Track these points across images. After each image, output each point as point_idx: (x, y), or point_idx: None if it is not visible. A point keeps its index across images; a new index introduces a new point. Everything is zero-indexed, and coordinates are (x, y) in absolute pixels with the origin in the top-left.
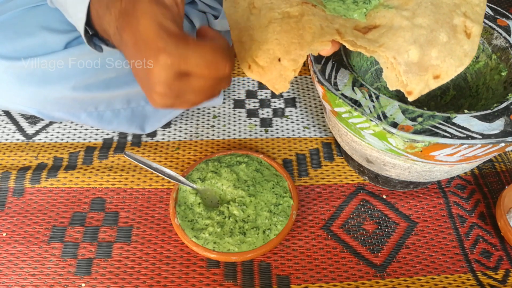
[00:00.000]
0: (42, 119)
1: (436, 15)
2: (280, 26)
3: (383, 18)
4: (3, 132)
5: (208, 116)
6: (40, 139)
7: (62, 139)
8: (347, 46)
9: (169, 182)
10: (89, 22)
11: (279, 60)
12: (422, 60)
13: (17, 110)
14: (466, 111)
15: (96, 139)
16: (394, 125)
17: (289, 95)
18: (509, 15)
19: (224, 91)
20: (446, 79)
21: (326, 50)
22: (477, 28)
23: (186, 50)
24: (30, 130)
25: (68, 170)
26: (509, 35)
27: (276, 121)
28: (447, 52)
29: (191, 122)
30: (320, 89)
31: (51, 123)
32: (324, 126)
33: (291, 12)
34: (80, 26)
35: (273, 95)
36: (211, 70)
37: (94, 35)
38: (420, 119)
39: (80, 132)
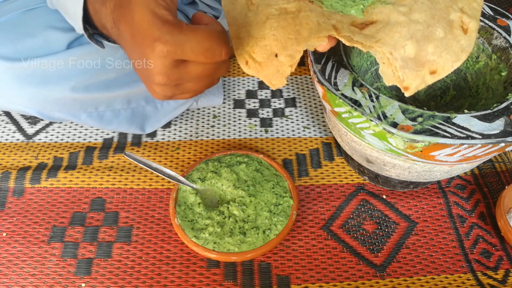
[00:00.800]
0: (42, 119)
1: (433, 10)
2: (277, 22)
3: (380, 14)
4: (3, 132)
5: (208, 116)
6: (40, 139)
7: (62, 139)
8: (344, 41)
9: (169, 182)
10: (89, 21)
11: (276, 55)
12: (419, 56)
13: (17, 110)
14: (466, 111)
15: (96, 139)
16: (394, 125)
17: (289, 95)
18: (509, 15)
19: (224, 91)
20: (443, 75)
21: (323, 45)
22: (474, 23)
23: (182, 37)
24: (30, 130)
25: (68, 170)
26: (509, 35)
27: (276, 121)
28: (444, 48)
29: (191, 122)
30: (320, 89)
31: (51, 123)
32: (324, 126)
33: (288, 8)
34: (79, 23)
35: (273, 95)
36: (207, 56)
37: (95, 33)
38: (420, 119)
39: (80, 132)
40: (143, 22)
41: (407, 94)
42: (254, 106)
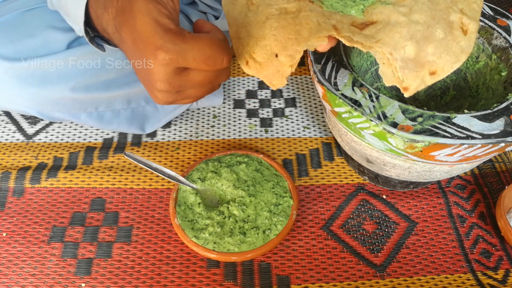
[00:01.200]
0: (42, 119)
1: (433, 11)
2: (277, 22)
3: (380, 14)
4: (3, 132)
5: (208, 116)
6: (40, 139)
7: (62, 139)
8: (344, 41)
9: (169, 182)
10: (90, 24)
11: (276, 56)
12: (419, 56)
13: (17, 110)
14: (466, 111)
15: (96, 139)
16: (394, 125)
17: (289, 95)
18: (509, 15)
19: (224, 91)
20: (442, 76)
21: (323, 46)
22: (473, 25)
23: (184, 45)
24: (30, 130)
25: (68, 170)
26: (509, 35)
27: (276, 121)
28: (444, 49)
29: (191, 122)
30: (320, 89)
31: (51, 123)
32: (324, 126)
33: (288, 8)
34: (80, 26)
35: (273, 95)
36: (209, 64)
37: (96, 36)
38: (420, 119)
39: (80, 132)
40: (146, 30)
41: (406, 94)
42: (254, 106)
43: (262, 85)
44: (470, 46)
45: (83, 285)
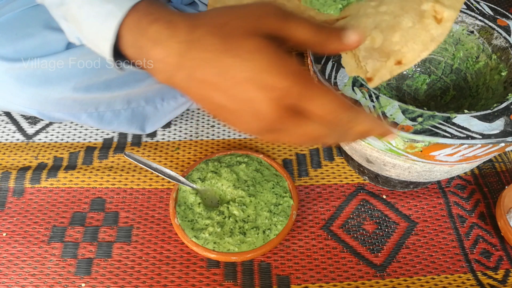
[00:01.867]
0: (42, 119)
1: (403, 2)
2: None
3: (353, 9)
4: (3, 132)
5: (208, 116)
6: (40, 139)
7: (62, 139)
8: None
9: (169, 182)
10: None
11: None
12: (383, 46)
13: (17, 110)
14: (466, 111)
15: (96, 139)
16: (394, 125)
17: None
18: (509, 15)
19: None
20: (409, 65)
21: None
22: (449, 13)
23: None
24: (30, 130)
25: (68, 170)
26: (509, 35)
27: None
28: (410, 37)
29: (191, 122)
30: None
31: (51, 123)
32: None
33: None
34: (106, 48)
35: None
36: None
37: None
38: (420, 119)
39: (80, 132)
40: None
41: (371, 85)
42: None
43: None
44: (443, 34)
45: (83, 285)
